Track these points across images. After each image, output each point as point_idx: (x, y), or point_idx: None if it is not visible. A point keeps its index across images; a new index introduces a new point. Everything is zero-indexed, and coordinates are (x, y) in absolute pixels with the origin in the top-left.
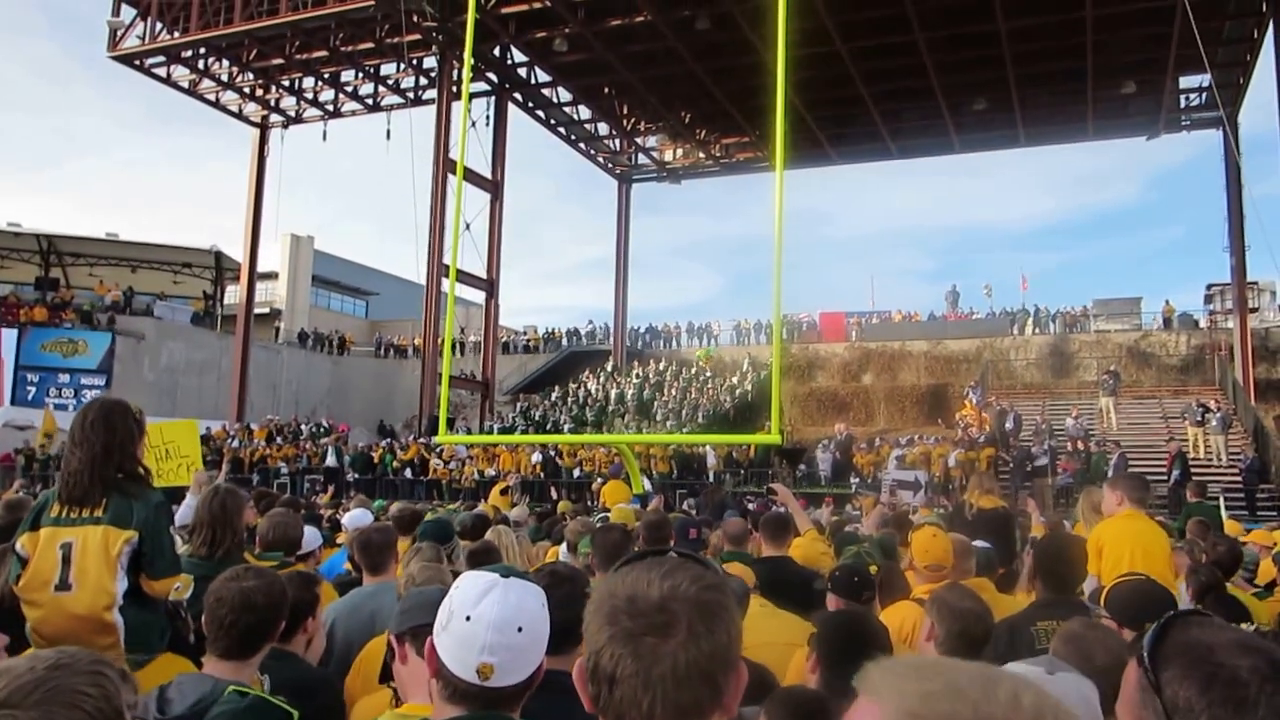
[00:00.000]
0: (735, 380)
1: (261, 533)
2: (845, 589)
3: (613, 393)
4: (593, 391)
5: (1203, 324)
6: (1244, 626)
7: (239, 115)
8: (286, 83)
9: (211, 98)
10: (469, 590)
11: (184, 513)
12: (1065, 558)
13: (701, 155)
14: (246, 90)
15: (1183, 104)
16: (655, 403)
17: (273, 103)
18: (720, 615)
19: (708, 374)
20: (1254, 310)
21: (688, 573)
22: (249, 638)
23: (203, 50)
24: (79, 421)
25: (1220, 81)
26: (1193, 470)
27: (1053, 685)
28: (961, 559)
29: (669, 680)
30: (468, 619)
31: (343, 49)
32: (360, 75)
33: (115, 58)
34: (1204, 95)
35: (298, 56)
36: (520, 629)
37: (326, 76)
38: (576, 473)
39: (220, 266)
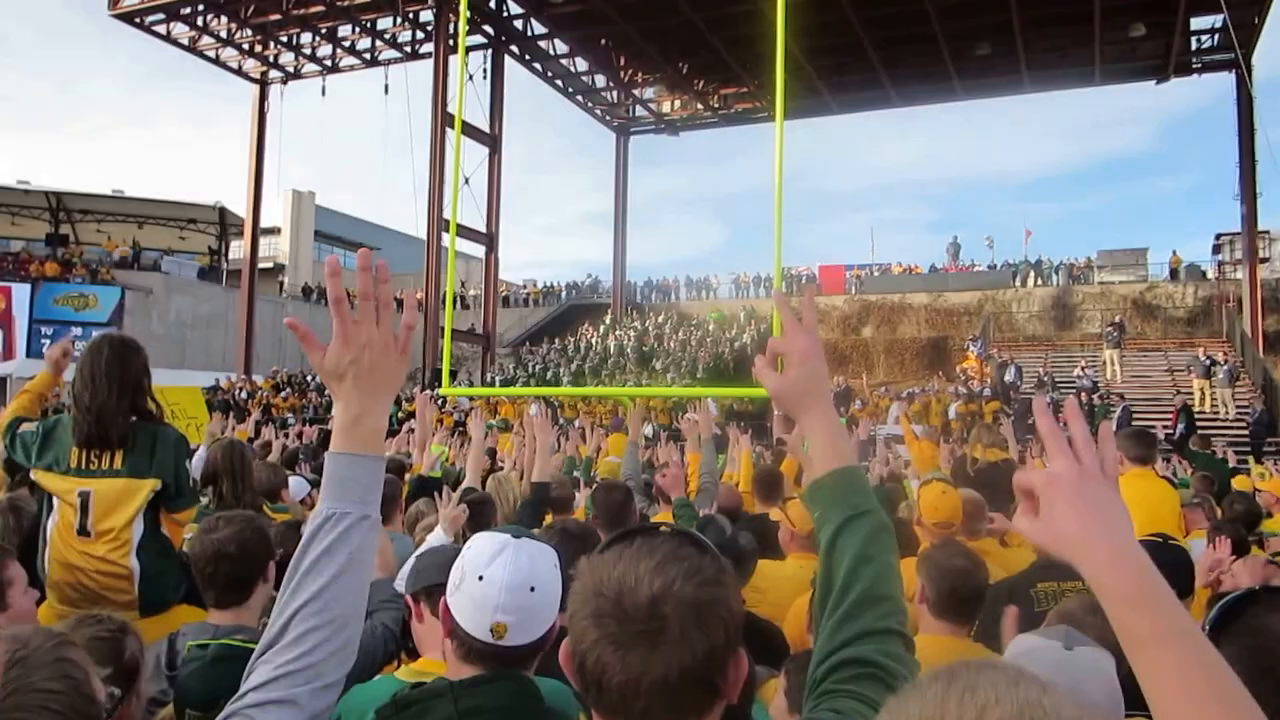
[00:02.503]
0: (735, 333)
1: None
2: None
3: (612, 345)
4: (593, 344)
5: (1211, 275)
6: None
7: (239, 72)
8: (285, 38)
9: (211, 54)
10: (482, 551)
11: (195, 465)
12: None
13: (700, 106)
14: (245, 46)
15: (1194, 46)
16: (655, 355)
17: (271, 59)
18: (717, 612)
19: (710, 327)
20: (1264, 260)
21: (681, 566)
22: (233, 585)
23: (201, 6)
24: (91, 358)
25: (1235, 21)
26: (1198, 424)
27: (1071, 661)
28: (972, 518)
29: (660, 688)
30: (480, 579)
31: (339, 3)
32: (357, 30)
33: (116, 15)
34: (1216, 37)
35: (295, 11)
36: (533, 589)
37: (324, 31)
38: (577, 423)
39: (224, 222)
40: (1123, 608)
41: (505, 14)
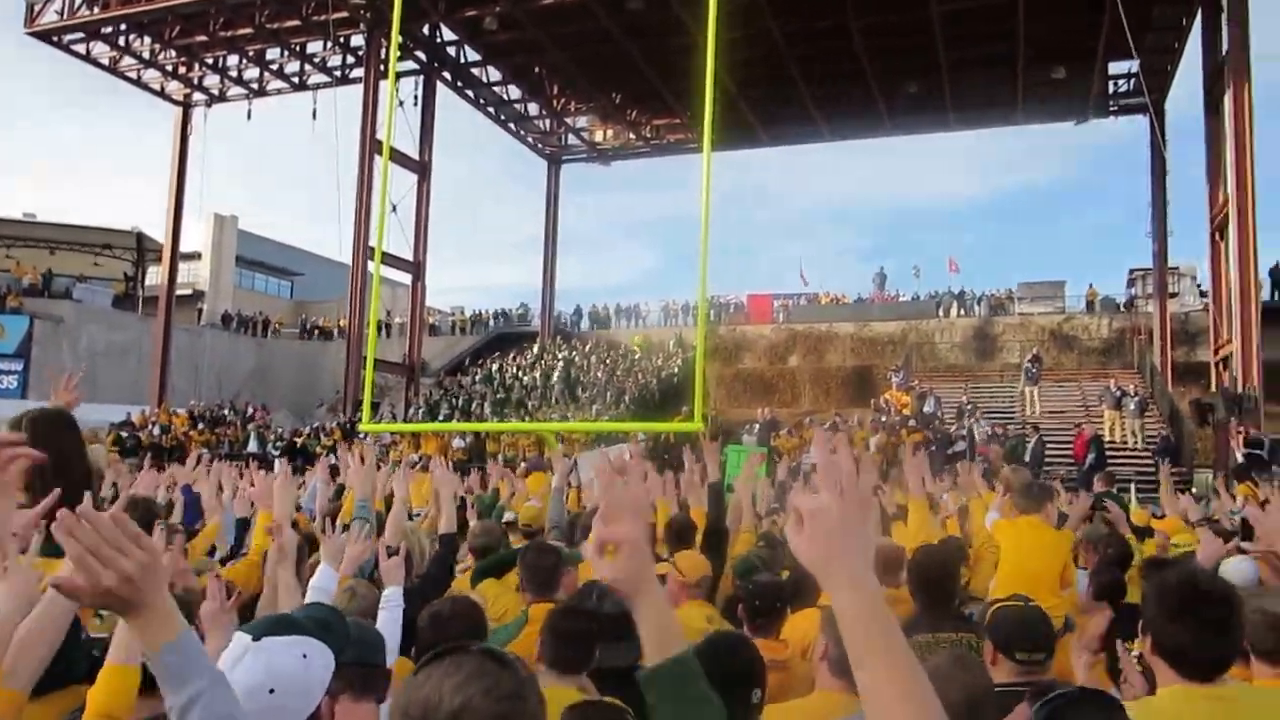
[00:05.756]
0: (662, 362)
1: None
2: (749, 616)
3: (538, 375)
4: (518, 374)
5: (1125, 308)
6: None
7: (161, 94)
8: (210, 60)
9: (133, 76)
10: (227, 657)
11: None
12: (940, 570)
13: (632, 136)
14: (169, 68)
15: (1111, 89)
16: (580, 386)
17: (196, 81)
18: None
19: (636, 356)
20: (1174, 295)
21: (481, 683)
22: None
23: (123, 26)
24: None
25: (1148, 68)
26: (1108, 453)
27: None
28: (889, 571)
29: None
30: None
31: (268, 26)
32: (286, 53)
33: (32, 34)
34: (1132, 81)
35: (222, 34)
36: (272, 690)
37: (251, 54)
38: (500, 457)
39: (141, 248)
40: (851, 626)
41: (438, 40)
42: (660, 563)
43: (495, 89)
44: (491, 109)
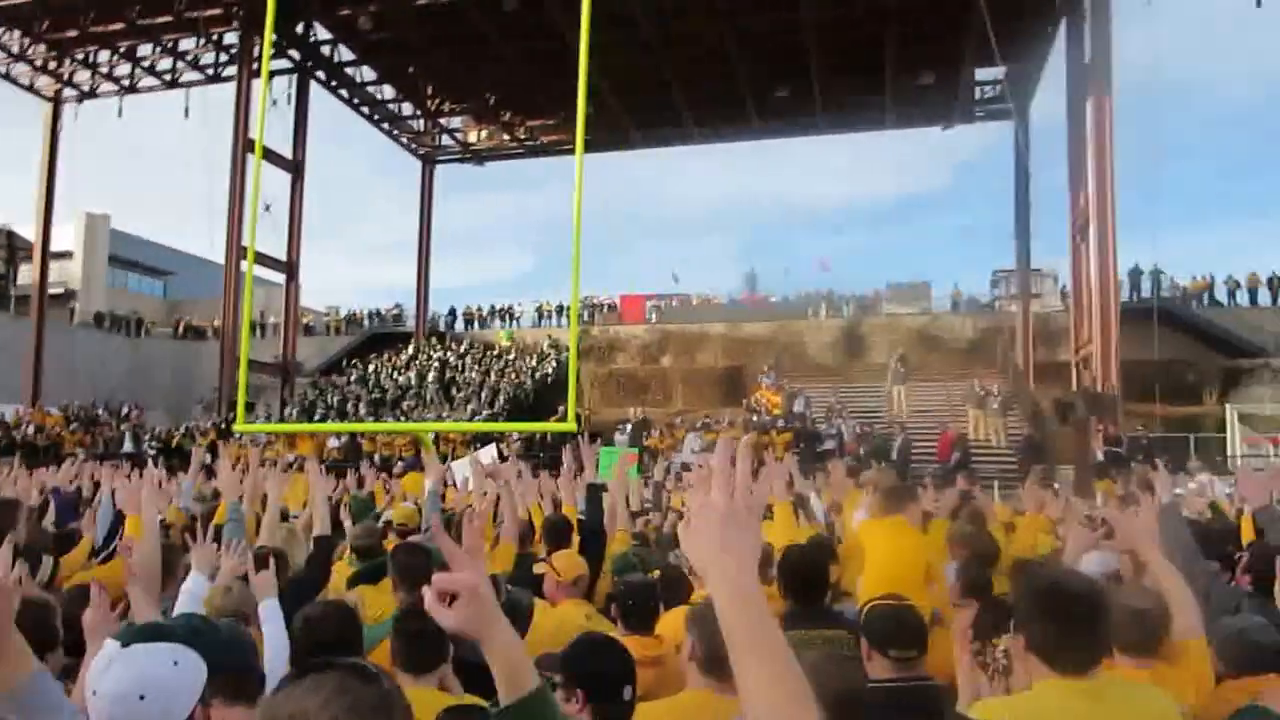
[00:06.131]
0: (536, 363)
1: None
2: (623, 614)
3: (413, 375)
4: (393, 374)
5: (989, 308)
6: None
7: (30, 89)
8: (81, 56)
9: (1, 70)
10: (95, 665)
11: None
12: (809, 568)
13: (506, 137)
14: (38, 63)
15: (978, 96)
16: (455, 386)
17: (66, 76)
18: None
19: (510, 356)
20: (1036, 296)
21: (345, 699)
22: None
23: None
24: None
25: (1014, 75)
26: (972, 452)
27: None
28: (759, 568)
29: None
30: (95, 694)
31: (139, 22)
32: (158, 50)
33: None
34: (998, 88)
35: (93, 29)
36: (142, 697)
37: (123, 50)
38: (376, 457)
39: (12, 246)
40: (732, 624)
41: (312, 39)
42: (538, 562)
43: (369, 88)
44: (365, 108)
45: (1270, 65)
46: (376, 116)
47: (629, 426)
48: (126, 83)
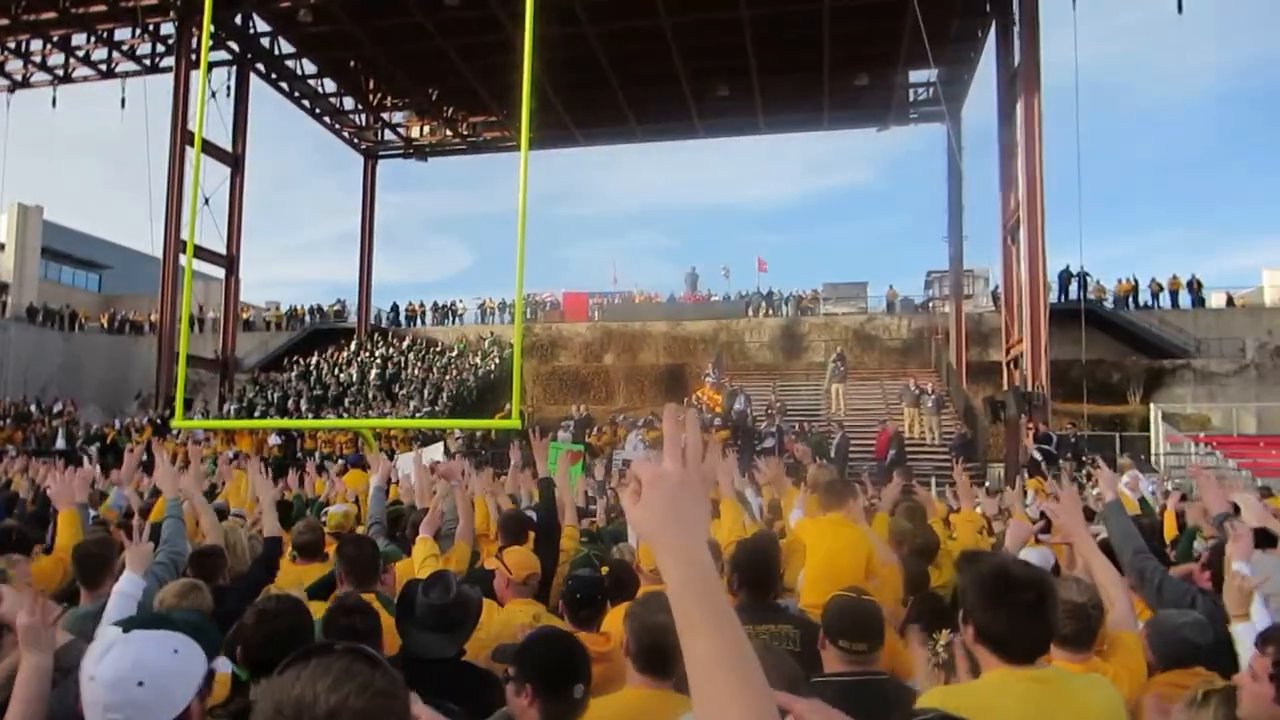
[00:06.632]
0: (479, 360)
1: None
2: (570, 610)
3: (355, 372)
4: (335, 371)
5: (923, 309)
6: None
7: None
8: (13, 45)
9: None
10: (92, 650)
11: None
12: (763, 562)
13: (449, 133)
14: None
15: (912, 98)
16: (398, 383)
17: None
18: None
19: (453, 354)
20: (969, 296)
21: (355, 682)
22: None
23: None
24: None
25: (946, 78)
26: (908, 449)
27: None
28: None
29: None
30: (91, 679)
31: (73, 10)
32: (93, 39)
33: None
34: (931, 90)
35: (24, 17)
36: (141, 683)
37: (56, 39)
38: (317, 455)
39: None
40: (680, 595)
41: (252, 30)
42: (490, 559)
43: (310, 82)
44: (306, 102)
45: (1192, 70)
46: (318, 110)
47: (572, 424)
48: (61, 72)
